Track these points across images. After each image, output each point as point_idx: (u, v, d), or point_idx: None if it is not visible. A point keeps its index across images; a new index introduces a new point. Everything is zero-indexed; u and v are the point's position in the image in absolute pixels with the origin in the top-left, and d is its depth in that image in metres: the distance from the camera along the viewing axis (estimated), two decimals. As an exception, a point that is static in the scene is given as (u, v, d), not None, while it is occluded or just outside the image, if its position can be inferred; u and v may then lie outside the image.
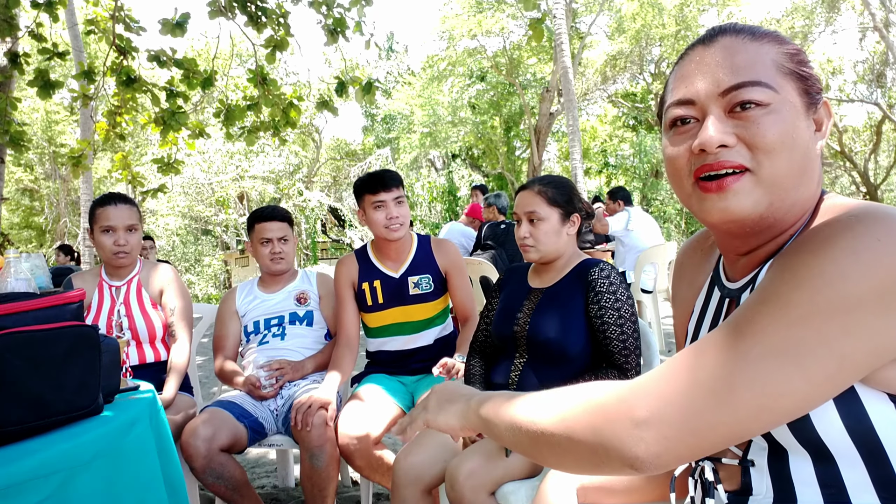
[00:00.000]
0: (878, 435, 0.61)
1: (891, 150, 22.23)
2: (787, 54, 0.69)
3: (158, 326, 2.15)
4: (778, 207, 0.69)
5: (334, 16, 3.89)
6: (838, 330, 0.55)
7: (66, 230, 20.58)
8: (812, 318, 0.56)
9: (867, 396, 0.61)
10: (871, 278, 0.55)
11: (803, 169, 0.68)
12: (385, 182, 2.05)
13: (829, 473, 0.65)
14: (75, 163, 4.24)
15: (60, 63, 4.44)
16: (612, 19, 18.86)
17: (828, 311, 0.55)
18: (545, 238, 1.64)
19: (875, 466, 0.63)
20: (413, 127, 20.16)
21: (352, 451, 1.81)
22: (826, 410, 0.62)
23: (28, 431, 1.14)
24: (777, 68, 0.68)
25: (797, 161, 0.68)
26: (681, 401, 0.59)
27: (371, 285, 2.14)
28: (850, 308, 0.55)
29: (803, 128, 0.68)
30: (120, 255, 2.09)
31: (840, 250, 0.57)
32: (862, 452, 0.63)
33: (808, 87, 0.69)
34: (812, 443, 0.64)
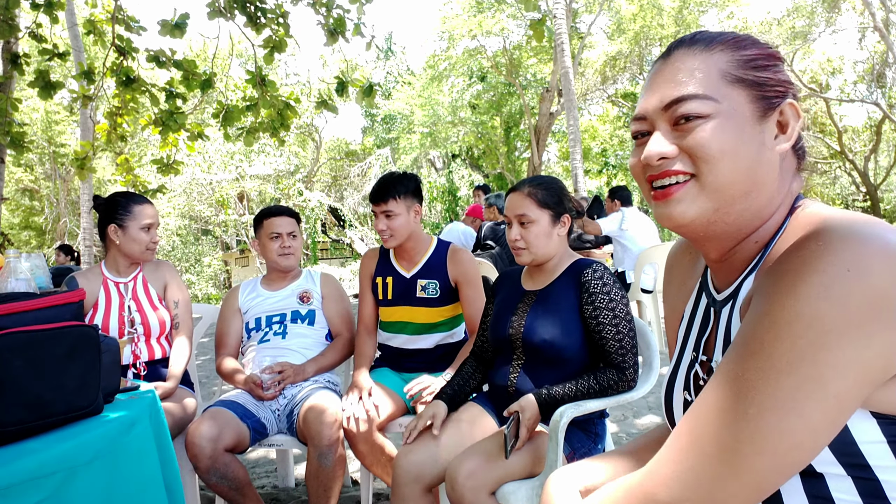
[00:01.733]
0: (861, 451, 0.61)
1: (891, 150, 22.23)
2: (739, 61, 0.71)
3: (167, 321, 2.19)
4: (727, 213, 0.71)
5: (334, 16, 3.89)
6: (827, 370, 0.55)
7: (66, 230, 20.58)
8: (799, 364, 0.56)
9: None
10: (845, 311, 0.55)
11: (752, 175, 0.70)
12: (377, 195, 2.11)
13: (818, 488, 0.65)
14: (80, 165, 4.23)
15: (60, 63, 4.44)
16: (611, 20, 18.86)
17: (812, 354, 0.55)
18: (536, 240, 1.64)
19: (861, 481, 0.63)
20: (413, 127, 20.16)
21: (354, 434, 1.86)
22: None
23: (28, 431, 1.14)
24: (722, 77, 0.70)
25: (742, 168, 0.69)
26: (696, 479, 0.59)
27: (384, 280, 2.22)
28: (833, 346, 0.55)
29: (751, 135, 0.69)
30: (152, 251, 2.18)
31: (812, 288, 0.56)
32: (847, 468, 0.63)
33: (762, 92, 0.70)
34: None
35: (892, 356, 0.56)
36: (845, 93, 19.46)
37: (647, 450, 1.05)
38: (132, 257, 2.16)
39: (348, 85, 4.10)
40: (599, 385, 1.53)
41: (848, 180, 23.99)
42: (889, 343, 0.55)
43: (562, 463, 1.48)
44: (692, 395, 0.78)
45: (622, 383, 1.54)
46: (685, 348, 0.86)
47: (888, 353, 0.56)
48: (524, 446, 1.51)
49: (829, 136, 21.08)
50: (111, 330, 2.08)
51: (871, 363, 0.55)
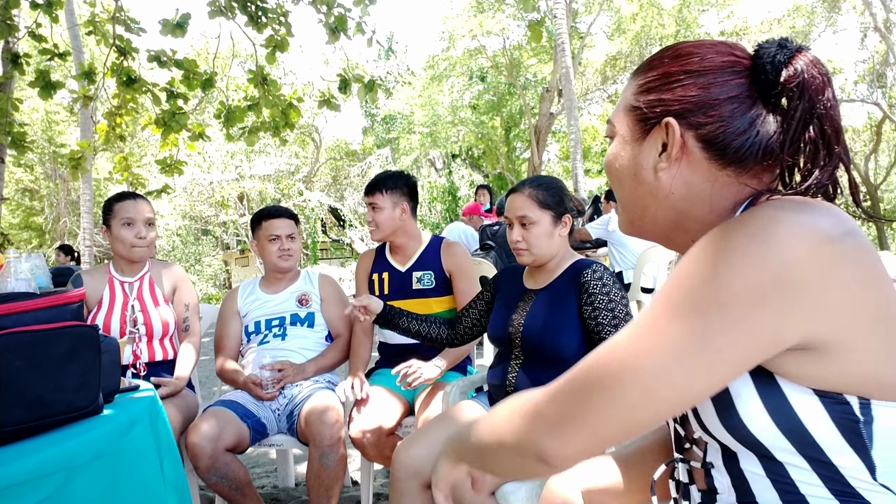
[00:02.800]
0: (809, 431, 0.63)
1: (891, 150, 22.23)
2: (637, 86, 0.76)
3: (171, 323, 2.18)
4: (641, 225, 0.79)
5: (335, 14, 3.88)
6: (714, 325, 0.58)
7: (66, 230, 20.58)
8: (689, 314, 0.59)
9: (790, 392, 0.63)
10: (742, 275, 0.58)
11: (637, 193, 0.77)
12: (368, 188, 2.21)
13: (776, 470, 0.67)
14: (74, 165, 4.22)
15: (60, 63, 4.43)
16: (611, 20, 18.85)
17: (703, 308, 0.59)
18: (537, 241, 1.64)
19: (815, 462, 0.64)
20: (413, 127, 20.15)
21: (364, 443, 1.87)
22: (754, 409, 0.64)
23: (28, 431, 1.14)
24: (624, 105, 0.78)
25: (628, 185, 0.78)
26: (579, 401, 0.64)
27: (380, 276, 2.26)
28: (724, 304, 0.58)
29: (630, 156, 0.77)
30: (139, 248, 2.14)
31: (714, 248, 0.60)
32: (799, 449, 0.64)
33: (643, 115, 0.75)
34: (750, 443, 0.67)
35: (788, 327, 0.58)
36: (846, 93, 19.44)
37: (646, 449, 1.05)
38: (122, 256, 2.16)
39: (350, 82, 4.09)
40: None
41: (848, 180, 23.92)
42: (783, 313, 0.57)
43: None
44: None
45: None
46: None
47: (781, 322, 0.58)
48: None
49: (830, 137, 21.03)
50: (112, 329, 2.07)
51: (760, 328, 0.58)
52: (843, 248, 0.59)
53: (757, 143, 0.70)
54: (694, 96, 0.71)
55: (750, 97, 0.70)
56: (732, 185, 0.72)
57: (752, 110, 0.70)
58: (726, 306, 0.58)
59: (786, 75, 0.67)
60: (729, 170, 0.71)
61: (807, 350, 0.60)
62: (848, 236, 0.60)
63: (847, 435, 0.62)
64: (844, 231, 0.60)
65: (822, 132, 0.66)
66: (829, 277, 0.58)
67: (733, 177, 0.71)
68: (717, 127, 0.70)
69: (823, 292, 0.58)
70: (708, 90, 0.70)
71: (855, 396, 0.61)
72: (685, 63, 0.72)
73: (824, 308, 0.58)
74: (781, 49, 0.68)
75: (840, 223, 0.61)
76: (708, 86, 0.70)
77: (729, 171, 0.71)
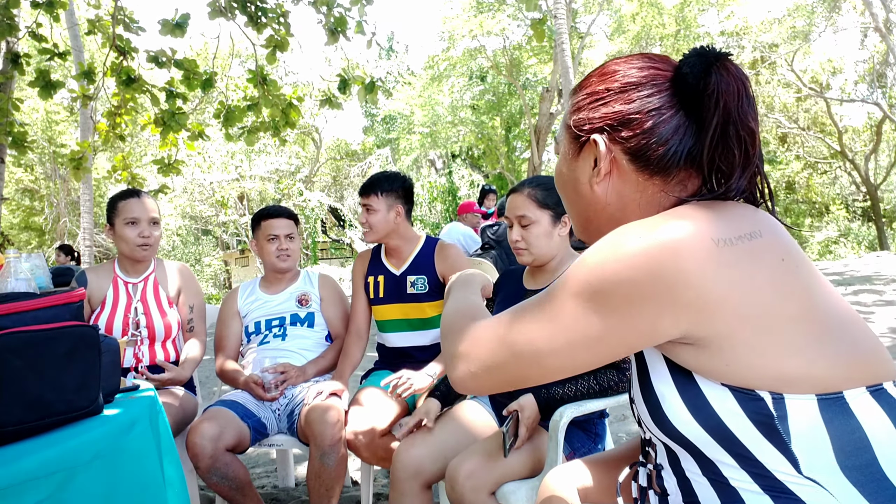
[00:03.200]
0: (728, 427, 0.65)
1: (891, 150, 22.23)
2: (571, 106, 0.81)
3: (174, 325, 2.16)
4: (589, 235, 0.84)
5: (335, 15, 3.88)
6: (593, 309, 0.66)
7: (66, 230, 20.58)
8: (574, 297, 0.67)
9: (706, 388, 0.66)
10: (624, 270, 0.64)
11: (579, 206, 0.82)
12: (363, 188, 2.21)
13: (709, 467, 0.69)
14: (76, 166, 4.22)
15: (60, 63, 4.43)
16: (611, 19, 18.85)
17: (586, 294, 0.66)
18: (537, 241, 1.64)
19: (740, 458, 0.66)
20: (413, 127, 20.15)
21: (358, 445, 1.86)
22: (678, 408, 0.68)
23: (28, 431, 1.13)
24: (563, 124, 0.83)
25: (571, 198, 0.84)
26: (485, 346, 0.75)
27: (375, 279, 2.25)
28: (604, 293, 0.65)
29: (568, 172, 0.82)
30: (144, 248, 2.11)
31: (608, 241, 0.68)
32: (723, 445, 0.66)
33: (575, 134, 0.79)
34: (681, 441, 0.70)
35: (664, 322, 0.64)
36: (846, 93, 19.45)
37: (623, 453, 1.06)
38: (126, 255, 2.14)
39: (350, 83, 4.09)
40: (599, 385, 1.53)
41: (848, 180, 23.97)
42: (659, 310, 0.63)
43: (562, 463, 1.48)
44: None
45: (622, 384, 1.54)
46: None
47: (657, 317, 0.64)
48: (524, 446, 1.50)
49: (830, 136, 21.09)
50: (115, 330, 2.06)
51: (638, 320, 0.64)
52: (730, 251, 0.63)
53: (679, 151, 0.72)
54: (616, 112, 0.74)
55: (672, 107, 0.73)
56: (660, 193, 0.75)
57: (674, 120, 0.72)
58: (608, 297, 0.64)
59: (703, 84, 0.70)
60: (656, 179, 0.74)
61: (696, 345, 0.64)
62: (743, 240, 0.64)
63: (764, 430, 0.63)
64: (740, 234, 0.64)
65: (739, 137, 0.69)
66: (706, 279, 0.62)
67: (660, 185, 0.75)
68: (640, 139, 0.73)
69: (699, 293, 0.62)
70: (629, 105, 0.74)
71: (767, 392, 0.63)
72: (609, 81, 0.76)
73: (700, 308, 0.62)
74: (699, 58, 0.71)
75: (738, 227, 0.65)
76: (629, 101, 0.74)
77: (656, 181, 0.74)
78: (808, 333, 0.63)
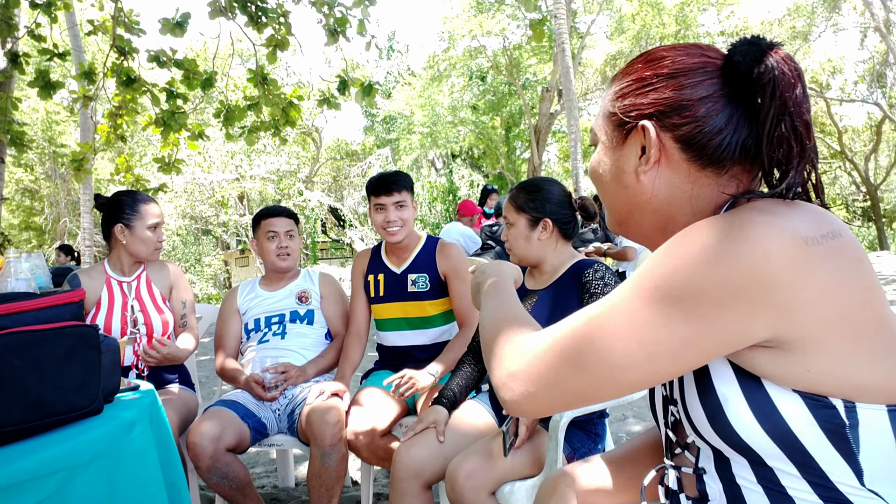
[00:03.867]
0: (796, 435, 0.62)
1: (891, 150, 22.24)
2: (615, 93, 0.78)
3: (170, 322, 2.17)
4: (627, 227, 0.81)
5: (335, 15, 3.88)
6: (680, 316, 0.60)
7: (66, 230, 20.58)
8: (657, 302, 0.62)
9: (776, 395, 0.63)
10: (714, 272, 0.59)
11: (620, 197, 0.79)
12: (387, 186, 2.13)
13: (767, 476, 0.67)
14: (77, 167, 4.22)
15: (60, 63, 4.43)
16: (611, 19, 18.86)
17: (671, 298, 0.61)
18: (515, 242, 1.71)
19: (803, 467, 0.64)
20: (413, 128, 20.15)
21: (358, 445, 1.86)
22: (742, 413, 0.64)
23: (28, 431, 1.13)
24: (603, 113, 0.80)
25: (610, 192, 0.80)
26: (545, 363, 0.68)
27: (375, 278, 2.24)
28: (693, 297, 0.60)
29: (610, 162, 0.79)
30: (159, 251, 2.19)
31: (692, 243, 0.62)
32: (787, 453, 0.64)
33: (619, 121, 0.76)
34: (741, 447, 0.67)
35: (754, 325, 0.60)
36: (846, 93, 19.45)
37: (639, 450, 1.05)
38: (138, 257, 2.15)
39: (350, 84, 4.09)
40: None
41: (848, 180, 23.98)
42: (750, 312, 0.59)
43: (562, 463, 1.48)
44: (667, 390, 0.80)
45: None
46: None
47: (749, 321, 0.59)
48: (524, 446, 1.50)
49: (830, 136, 21.08)
50: (113, 330, 2.06)
51: (727, 324, 0.60)
52: (819, 251, 0.59)
53: (733, 142, 0.70)
54: (667, 98, 0.71)
55: (724, 96, 0.70)
56: (712, 186, 0.72)
57: (727, 109, 0.70)
58: (696, 301, 0.60)
59: (757, 72, 0.67)
60: (708, 171, 0.72)
61: (778, 349, 0.61)
62: (827, 238, 0.60)
63: (833, 439, 0.62)
64: (823, 233, 0.60)
65: (794, 129, 0.66)
66: (799, 279, 0.58)
67: (712, 178, 0.72)
68: (693, 127, 0.70)
69: (793, 293, 0.58)
70: (681, 91, 0.71)
71: (840, 399, 0.61)
72: (657, 67, 0.73)
73: (793, 309, 0.59)
74: (752, 47, 0.68)
75: (819, 225, 0.61)
76: (680, 87, 0.71)
77: (708, 173, 0.72)
78: (886, 340, 0.61)
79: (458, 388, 1.78)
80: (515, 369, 0.71)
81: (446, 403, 1.73)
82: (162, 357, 1.91)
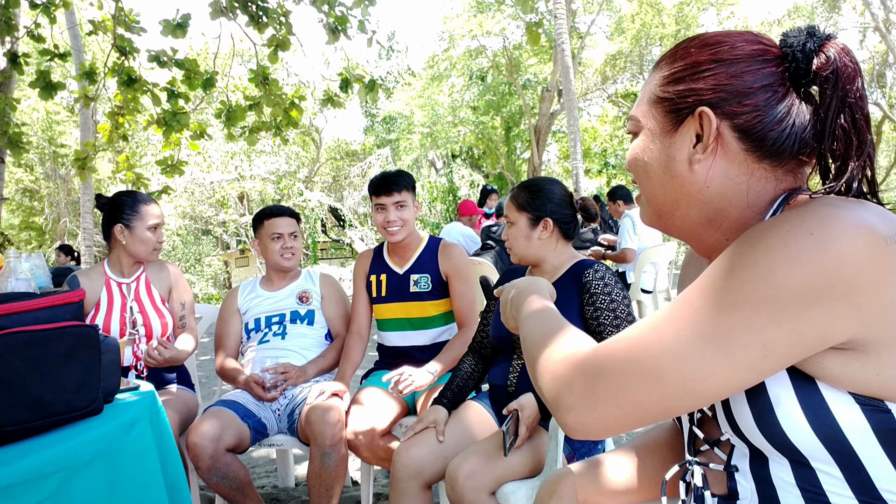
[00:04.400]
0: (846, 438, 0.61)
1: (891, 150, 22.24)
2: (664, 77, 0.74)
3: (169, 323, 2.18)
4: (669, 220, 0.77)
5: (336, 14, 3.88)
6: (764, 319, 0.57)
7: (66, 230, 20.58)
8: (740, 306, 0.58)
9: (831, 397, 0.61)
10: (798, 271, 0.56)
11: (669, 188, 0.74)
12: (388, 186, 2.13)
13: (807, 478, 0.66)
14: (81, 166, 4.22)
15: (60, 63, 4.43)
16: (611, 19, 18.85)
17: (755, 301, 0.57)
18: (515, 241, 1.71)
19: (849, 470, 0.63)
20: (413, 128, 20.15)
21: (358, 445, 1.86)
22: (794, 414, 0.62)
23: (28, 431, 1.14)
24: (649, 97, 0.76)
25: (657, 183, 0.75)
26: (614, 378, 0.63)
27: (378, 278, 2.25)
28: (777, 299, 0.57)
29: (659, 150, 0.74)
30: (158, 251, 2.19)
31: (773, 241, 0.59)
32: (834, 456, 0.63)
33: (672, 107, 0.73)
34: (786, 447, 0.65)
35: (838, 326, 0.57)
36: (845, 93, 19.41)
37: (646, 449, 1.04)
38: (138, 258, 2.16)
39: (352, 81, 4.10)
40: None
41: (848, 180, 23.93)
42: (835, 313, 0.57)
43: (562, 463, 1.48)
44: None
45: None
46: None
47: (832, 322, 0.57)
48: (524, 446, 1.50)
49: (830, 136, 21.03)
50: (112, 330, 2.07)
51: (809, 327, 0.57)
52: (894, 249, 0.57)
53: (793, 133, 0.68)
54: (727, 84, 0.68)
55: (782, 86, 0.68)
56: (768, 180, 0.70)
57: (786, 100, 0.68)
58: (780, 303, 0.57)
59: (818, 63, 0.65)
60: (765, 163, 0.69)
61: (850, 350, 0.59)
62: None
63: (886, 444, 0.61)
64: (895, 232, 0.59)
65: (854, 121, 0.65)
66: (882, 278, 0.57)
67: (769, 171, 0.69)
68: (753, 116, 0.67)
69: (876, 292, 0.57)
70: (741, 78, 0.68)
71: (895, 404, 0.60)
72: (715, 52, 0.70)
73: (875, 309, 0.57)
74: (811, 37, 0.67)
75: (891, 224, 0.59)
76: (740, 74, 0.68)
77: (765, 165, 0.69)
78: None
79: (458, 388, 1.79)
80: (578, 389, 0.65)
81: (446, 403, 1.74)
82: (164, 361, 1.93)
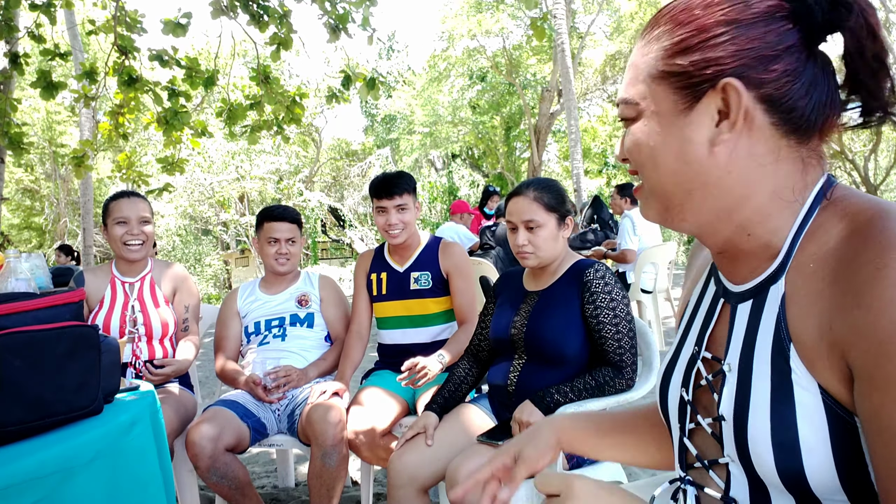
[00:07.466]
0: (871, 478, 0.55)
1: (891, 150, 22.24)
2: (667, 49, 0.63)
3: (171, 324, 2.18)
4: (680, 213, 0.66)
5: (337, 12, 3.88)
6: None
7: (66, 230, 20.57)
8: None
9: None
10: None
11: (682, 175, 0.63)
12: (389, 189, 2.13)
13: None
14: (78, 164, 4.22)
15: (61, 63, 4.43)
16: (611, 19, 18.86)
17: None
18: (544, 244, 1.64)
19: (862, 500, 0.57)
20: (413, 127, 20.16)
21: (359, 445, 1.86)
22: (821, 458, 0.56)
23: (28, 431, 1.13)
24: (649, 74, 0.64)
25: (669, 168, 0.64)
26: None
27: (378, 276, 2.25)
28: None
29: (670, 133, 0.63)
30: (131, 247, 2.13)
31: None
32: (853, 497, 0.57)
33: (686, 81, 0.61)
34: (798, 486, 0.59)
35: None
36: (846, 93, 19.41)
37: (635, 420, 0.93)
38: (118, 255, 2.17)
39: (354, 79, 4.11)
40: (595, 381, 1.54)
41: (848, 180, 23.98)
42: None
43: (562, 463, 1.48)
44: (689, 394, 0.72)
45: (619, 381, 1.54)
46: (685, 341, 0.78)
47: None
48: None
49: (830, 137, 21.05)
50: (112, 328, 2.08)
51: None
52: None
53: (819, 100, 0.59)
54: (750, 49, 0.58)
55: (804, 48, 0.59)
56: (794, 161, 0.61)
57: (811, 62, 0.59)
58: None
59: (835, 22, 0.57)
60: (791, 139, 0.60)
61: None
62: None
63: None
64: None
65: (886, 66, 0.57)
66: None
67: (794, 151, 0.61)
68: (782, 83, 0.58)
69: None
70: (764, 39, 0.58)
71: None
72: (726, 11, 0.59)
73: None
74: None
75: None
76: (762, 35, 0.58)
77: (791, 142, 0.61)
78: None
79: (449, 394, 1.80)
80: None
81: (436, 409, 1.74)
82: (165, 378, 1.95)
